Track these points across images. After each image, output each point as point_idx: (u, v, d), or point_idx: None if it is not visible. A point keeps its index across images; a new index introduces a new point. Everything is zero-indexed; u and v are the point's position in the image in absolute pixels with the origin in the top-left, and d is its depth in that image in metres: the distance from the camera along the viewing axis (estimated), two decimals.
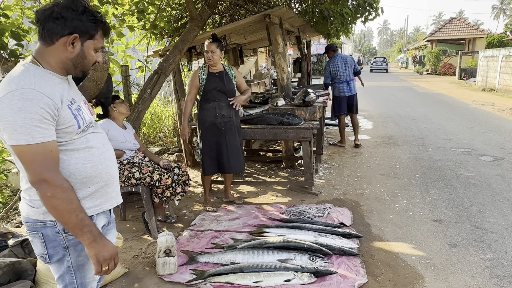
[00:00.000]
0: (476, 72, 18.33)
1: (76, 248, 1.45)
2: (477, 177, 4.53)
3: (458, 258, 2.75)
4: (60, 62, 1.39)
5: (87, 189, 1.45)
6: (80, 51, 1.40)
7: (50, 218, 1.39)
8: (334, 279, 2.47)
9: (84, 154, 1.44)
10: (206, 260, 2.73)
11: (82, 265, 1.48)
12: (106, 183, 1.52)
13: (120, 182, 3.21)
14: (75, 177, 1.42)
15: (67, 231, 1.41)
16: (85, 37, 1.39)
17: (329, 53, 6.14)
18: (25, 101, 1.24)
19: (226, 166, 3.71)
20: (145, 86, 4.33)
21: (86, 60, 1.44)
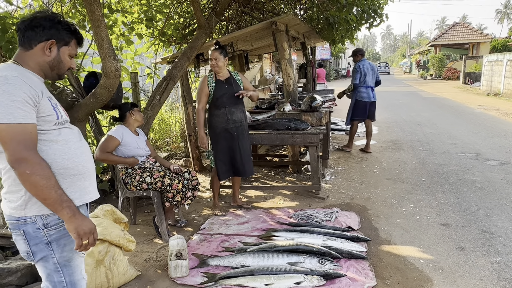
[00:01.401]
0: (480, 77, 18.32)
1: (59, 243, 1.49)
2: (484, 182, 4.55)
3: (466, 261, 2.77)
4: (38, 65, 1.51)
5: (64, 180, 1.49)
6: (57, 55, 1.54)
7: (30, 214, 1.44)
8: (343, 281, 2.50)
9: (61, 146, 1.51)
10: (217, 263, 2.78)
11: (68, 260, 1.52)
12: (82, 176, 1.57)
13: (131, 186, 3.28)
14: (52, 168, 1.46)
15: (47, 226, 1.46)
16: (61, 43, 1.54)
17: (357, 56, 6.10)
18: (9, 85, 1.35)
19: (241, 170, 3.77)
20: (154, 93, 4.41)
21: (62, 64, 1.57)
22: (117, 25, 5.09)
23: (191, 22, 5.78)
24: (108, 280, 2.43)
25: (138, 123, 3.43)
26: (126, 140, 3.24)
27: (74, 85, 4.08)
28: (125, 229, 2.70)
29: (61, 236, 1.49)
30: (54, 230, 1.48)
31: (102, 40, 3.23)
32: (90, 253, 2.32)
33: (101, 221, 2.54)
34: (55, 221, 1.48)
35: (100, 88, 3.54)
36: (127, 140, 3.25)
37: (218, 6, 4.88)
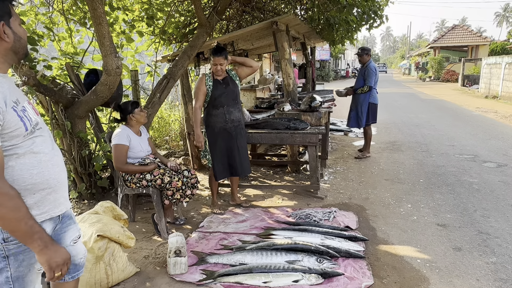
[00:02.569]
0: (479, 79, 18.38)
1: (17, 258, 1.39)
2: (481, 183, 4.58)
3: (462, 261, 2.80)
4: (1, 57, 1.34)
5: (32, 196, 1.39)
6: (14, 34, 1.35)
7: None
8: (341, 280, 2.52)
9: (30, 160, 1.37)
10: (216, 260, 2.80)
11: (22, 277, 1.42)
12: (53, 190, 1.46)
13: (131, 183, 3.29)
14: (18, 184, 1.34)
15: (7, 241, 1.35)
16: (7, 19, 1.33)
17: (368, 55, 5.76)
18: None
19: (239, 169, 3.78)
20: (154, 91, 4.42)
21: (22, 41, 1.40)
22: (118, 23, 5.09)
23: (192, 21, 5.79)
24: (108, 276, 2.45)
25: (141, 123, 3.42)
26: (132, 144, 3.24)
27: (75, 82, 4.09)
28: (125, 225, 2.71)
29: (20, 251, 1.39)
30: (14, 245, 1.37)
31: (104, 37, 3.25)
32: (90, 249, 2.33)
33: (101, 217, 2.55)
34: None
35: (100, 85, 3.56)
36: (133, 143, 3.25)
37: (219, 5, 4.89)
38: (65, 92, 3.94)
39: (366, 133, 6.07)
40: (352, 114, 5.96)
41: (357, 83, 5.87)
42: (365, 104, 5.79)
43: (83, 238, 2.34)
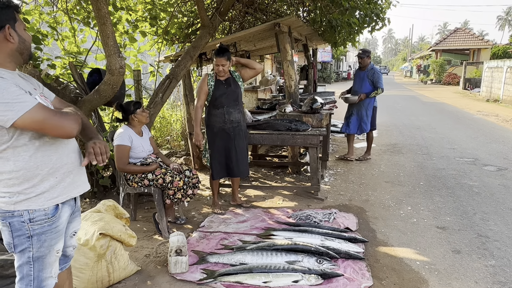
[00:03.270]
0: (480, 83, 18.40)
1: (40, 238, 1.55)
2: (481, 186, 4.60)
3: (461, 264, 2.82)
4: (8, 57, 1.49)
5: (55, 178, 1.57)
6: (19, 37, 1.50)
7: (18, 208, 1.50)
8: (340, 281, 2.54)
9: (49, 147, 1.55)
10: (216, 260, 2.82)
11: (42, 257, 1.58)
12: (71, 172, 1.65)
13: (133, 183, 3.31)
14: (42, 169, 1.53)
15: (32, 221, 1.53)
16: (12, 23, 1.48)
17: (364, 59, 5.60)
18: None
19: (236, 170, 3.81)
20: (156, 91, 4.44)
21: (26, 43, 1.55)
22: (121, 23, 5.12)
23: (195, 22, 5.82)
24: (109, 274, 2.47)
25: (142, 124, 3.44)
26: (134, 144, 3.26)
27: (78, 81, 4.12)
28: (126, 224, 2.73)
29: (43, 231, 1.56)
30: (38, 225, 1.54)
31: (108, 37, 3.26)
32: (92, 247, 2.35)
33: (103, 215, 2.57)
34: (41, 216, 1.55)
35: (104, 84, 3.57)
36: (135, 144, 3.27)
37: (222, 6, 4.91)
38: (68, 91, 3.97)
39: (369, 137, 6.00)
40: (352, 119, 5.73)
41: (363, 87, 5.59)
42: (370, 108, 5.68)
43: (86, 236, 2.37)
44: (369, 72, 5.59)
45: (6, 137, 1.44)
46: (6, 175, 1.48)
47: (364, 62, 5.64)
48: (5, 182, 1.49)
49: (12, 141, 1.45)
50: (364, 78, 5.63)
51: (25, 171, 1.50)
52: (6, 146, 1.46)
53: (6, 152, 1.47)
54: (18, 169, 1.49)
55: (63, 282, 1.88)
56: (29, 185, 1.52)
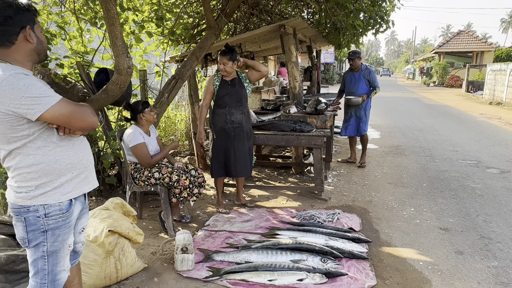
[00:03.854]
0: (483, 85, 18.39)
1: (54, 233, 1.60)
2: (484, 189, 4.62)
3: (464, 265, 2.85)
4: (27, 56, 1.55)
5: (71, 173, 1.64)
6: (37, 38, 1.57)
7: (35, 203, 1.55)
8: (344, 280, 2.58)
9: (66, 143, 1.62)
10: (222, 258, 2.85)
11: (56, 251, 1.63)
12: (86, 168, 1.71)
13: (140, 181, 3.35)
14: (60, 164, 1.59)
15: (48, 216, 1.57)
16: (32, 25, 1.55)
17: (355, 61, 5.51)
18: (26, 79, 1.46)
19: (233, 170, 3.85)
20: (162, 91, 4.49)
21: (43, 44, 1.62)
22: (128, 23, 5.18)
23: (200, 22, 5.87)
24: (117, 270, 2.51)
25: (150, 123, 3.49)
26: None
27: (85, 81, 4.17)
28: (134, 222, 2.78)
29: (58, 226, 1.61)
30: (53, 220, 1.59)
31: (116, 37, 3.31)
32: (101, 244, 2.40)
33: (111, 213, 2.61)
34: (56, 211, 1.60)
35: (111, 84, 3.62)
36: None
37: (228, 8, 4.96)
38: (76, 90, 4.02)
39: (365, 140, 5.77)
40: (352, 121, 5.63)
41: (360, 88, 5.49)
42: (368, 109, 5.62)
43: (95, 233, 2.41)
44: (364, 72, 5.52)
45: (26, 132, 1.49)
46: (26, 169, 1.53)
47: (355, 64, 5.53)
48: (23, 176, 1.54)
49: (32, 136, 1.51)
50: (359, 78, 5.53)
51: (44, 165, 1.55)
52: (27, 141, 1.50)
53: (26, 147, 1.52)
54: (38, 163, 1.54)
55: (73, 278, 1.92)
56: (47, 179, 1.57)
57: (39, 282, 1.61)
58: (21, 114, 1.43)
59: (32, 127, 1.49)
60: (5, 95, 1.39)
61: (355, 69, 5.58)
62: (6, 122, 1.44)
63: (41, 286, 1.61)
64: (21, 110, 1.41)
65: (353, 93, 5.57)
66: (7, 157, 1.54)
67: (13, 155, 1.53)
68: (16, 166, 1.54)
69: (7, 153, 1.53)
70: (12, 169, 1.55)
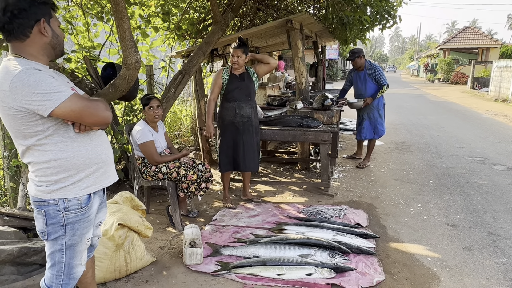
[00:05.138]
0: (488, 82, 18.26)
1: (73, 227, 1.61)
2: (491, 185, 4.60)
3: (472, 261, 2.84)
4: (41, 49, 1.52)
5: (90, 168, 1.63)
6: (52, 32, 1.54)
7: (54, 197, 1.56)
8: (353, 275, 2.58)
9: (84, 138, 1.61)
10: (230, 253, 2.86)
11: (74, 245, 1.63)
12: (105, 163, 1.70)
13: (147, 176, 3.37)
14: (78, 159, 1.58)
15: (67, 210, 1.58)
16: (47, 18, 1.52)
17: (360, 58, 5.18)
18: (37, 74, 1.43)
19: (242, 164, 3.85)
20: (169, 86, 4.49)
21: (59, 38, 1.58)
22: (134, 18, 5.17)
23: (207, 17, 5.85)
24: (127, 264, 2.52)
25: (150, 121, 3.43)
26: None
27: (93, 75, 4.17)
28: (143, 216, 2.79)
29: (76, 220, 1.61)
30: (72, 214, 1.60)
31: (124, 32, 3.30)
32: (111, 237, 2.41)
33: (120, 207, 2.63)
34: (75, 206, 1.60)
35: (119, 79, 3.62)
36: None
37: (235, 3, 4.94)
38: (84, 85, 4.02)
39: (373, 143, 5.55)
40: (365, 125, 5.35)
41: (368, 88, 5.22)
42: (382, 108, 5.30)
43: (105, 226, 2.42)
44: (369, 70, 5.17)
45: (41, 128, 1.48)
46: (44, 165, 1.54)
47: (357, 64, 5.21)
48: (42, 171, 1.54)
49: (47, 132, 1.50)
50: (365, 78, 5.22)
51: (62, 161, 1.55)
52: (42, 136, 1.50)
53: (43, 143, 1.51)
54: (56, 158, 1.54)
55: (88, 270, 1.94)
56: (66, 174, 1.57)
57: (55, 274, 1.62)
58: (33, 110, 1.42)
59: (46, 122, 1.49)
60: (17, 92, 1.38)
61: (359, 68, 5.28)
62: (20, 118, 1.44)
63: (57, 278, 1.62)
64: (32, 107, 1.41)
65: (362, 95, 5.29)
66: (26, 153, 1.55)
67: (32, 151, 1.53)
68: (36, 161, 1.54)
69: (25, 148, 1.53)
70: (32, 164, 1.56)
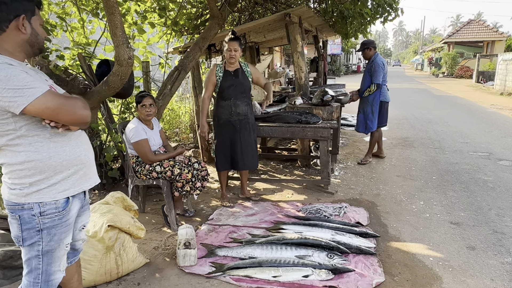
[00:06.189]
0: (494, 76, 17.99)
1: (50, 232, 1.53)
2: (496, 182, 4.48)
3: (476, 261, 2.74)
4: (17, 46, 1.45)
5: (68, 170, 1.55)
6: (32, 30, 1.47)
7: (29, 201, 1.48)
8: (351, 276, 2.49)
9: (61, 138, 1.52)
10: (225, 253, 2.79)
11: (51, 251, 1.55)
12: (84, 165, 1.62)
13: (141, 175, 3.29)
14: (55, 160, 1.50)
15: (43, 214, 1.49)
16: (29, 15, 1.46)
17: (370, 49, 5.08)
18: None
19: (240, 163, 3.76)
20: (165, 82, 4.41)
21: (39, 37, 1.52)
22: (130, 14, 5.08)
23: (204, 12, 5.75)
24: (118, 266, 2.45)
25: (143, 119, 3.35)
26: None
27: (87, 73, 4.09)
28: (135, 216, 2.71)
29: (53, 225, 1.53)
30: (49, 218, 1.52)
31: (116, 27, 3.22)
32: (101, 239, 2.34)
33: (111, 207, 2.55)
34: (51, 210, 1.52)
35: (112, 76, 3.54)
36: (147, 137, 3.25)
37: None
38: (77, 82, 3.95)
39: (373, 136, 5.43)
40: (360, 117, 5.30)
41: (363, 82, 5.20)
42: (376, 104, 5.12)
43: (94, 228, 2.35)
44: (370, 64, 5.07)
45: (12, 127, 1.40)
46: (18, 166, 1.46)
47: (366, 55, 5.15)
48: (16, 173, 1.47)
49: (20, 131, 1.42)
50: (366, 71, 5.20)
51: (37, 162, 1.47)
52: (15, 136, 1.42)
53: (16, 143, 1.44)
54: (31, 159, 1.46)
55: (72, 275, 1.87)
56: (42, 176, 1.49)
57: (32, 281, 1.55)
58: (4, 107, 1.34)
59: (18, 121, 1.40)
60: None
61: (368, 60, 5.18)
62: None
63: (34, 286, 1.55)
64: (2, 103, 1.32)
65: (360, 89, 5.26)
66: None
67: (4, 151, 1.45)
68: (9, 163, 1.46)
69: None
70: (5, 165, 1.48)
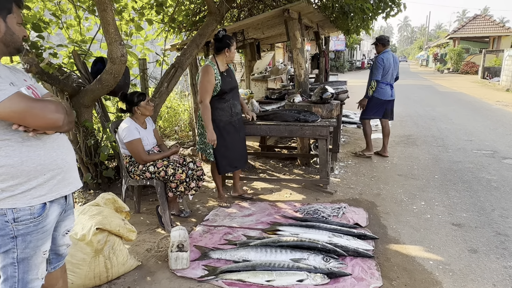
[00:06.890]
0: (500, 72, 17.73)
1: (25, 239, 1.45)
2: (500, 181, 4.37)
3: (478, 264, 2.65)
4: None
5: (43, 176, 1.47)
6: (6, 28, 1.41)
7: (2, 207, 1.41)
8: (348, 281, 2.41)
9: (35, 142, 1.45)
10: (219, 256, 2.72)
11: (27, 258, 1.48)
12: (62, 170, 1.53)
13: (135, 175, 3.22)
14: (28, 165, 1.42)
15: (17, 221, 1.43)
16: (4, 14, 1.40)
17: (378, 46, 5.30)
18: None
19: (241, 161, 3.72)
20: (162, 80, 4.34)
21: (15, 36, 1.45)
22: (127, 10, 5.01)
23: (202, 9, 5.65)
24: (107, 269, 2.39)
25: (145, 116, 3.33)
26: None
27: (81, 70, 4.03)
28: (126, 218, 2.65)
29: (29, 232, 1.46)
30: (23, 225, 1.45)
31: (108, 24, 3.15)
32: (89, 242, 2.28)
33: (101, 209, 2.49)
34: (26, 216, 1.45)
35: (105, 74, 3.48)
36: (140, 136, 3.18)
37: None
38: (71, 80, 3.89)
39: (365, 130, 5.51)
40: None
41: (368, 79, 5.34)
42: (372, 99, 5.32)
43: (82, 231, 2.29)
44: (374, 61, 5.27)
45: None
46: None
47: (376, 50, 5.40)
48: None
49: None
50: (370, 69, 5.41)
51: (9, 167, 1.40)
52: None
53: None
54: (1, 165, 1.39)
55: (56, 281, 1.81)
56: (15, 182, 1.42)
57: None
58: None
59: None
60: None
61: None
62: None
63: None
64: None
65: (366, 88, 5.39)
66: None
67: None
68: None
69: None
70: None
